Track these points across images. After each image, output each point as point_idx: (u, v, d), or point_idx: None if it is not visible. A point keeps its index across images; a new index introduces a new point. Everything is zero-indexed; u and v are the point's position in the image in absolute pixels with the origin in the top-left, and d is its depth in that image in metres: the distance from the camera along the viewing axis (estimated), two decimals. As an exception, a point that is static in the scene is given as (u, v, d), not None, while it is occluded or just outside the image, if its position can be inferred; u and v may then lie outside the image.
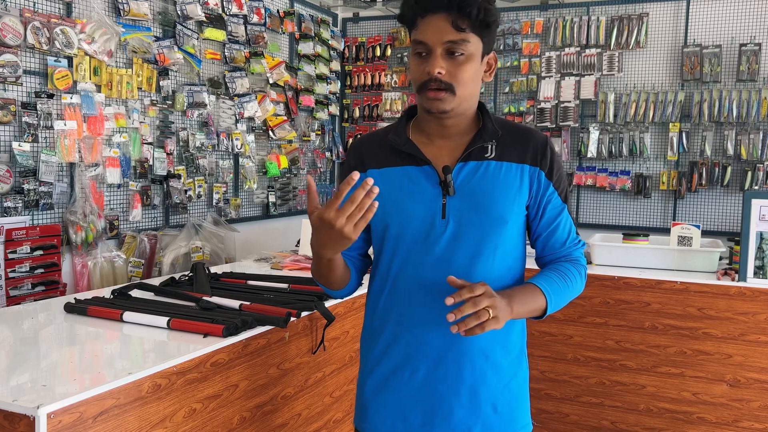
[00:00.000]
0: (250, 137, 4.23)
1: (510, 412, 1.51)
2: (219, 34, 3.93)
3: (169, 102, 3.62)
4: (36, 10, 2.88)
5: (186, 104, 3.71)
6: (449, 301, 1.26)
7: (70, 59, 3.03)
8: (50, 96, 2.94)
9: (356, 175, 1.21)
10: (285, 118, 4.57)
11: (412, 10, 1.41)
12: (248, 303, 2.08)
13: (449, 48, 1.38)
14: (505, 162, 1.46)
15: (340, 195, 1.23)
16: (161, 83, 3.54)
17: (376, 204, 1.24)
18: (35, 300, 2.77)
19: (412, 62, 1.45)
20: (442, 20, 1.37)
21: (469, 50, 1.39)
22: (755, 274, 2.82)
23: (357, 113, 5.43)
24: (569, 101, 4.83)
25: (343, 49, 5.43)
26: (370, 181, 1.23)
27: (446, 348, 1.46)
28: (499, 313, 1.30)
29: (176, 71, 3.68)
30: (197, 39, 3.78)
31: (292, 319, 1.98)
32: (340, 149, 5.33)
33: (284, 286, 2.45)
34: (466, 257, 1.44)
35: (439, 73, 1.38)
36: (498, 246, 1.46)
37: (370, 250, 1.65)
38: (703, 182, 4.55)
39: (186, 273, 2.60)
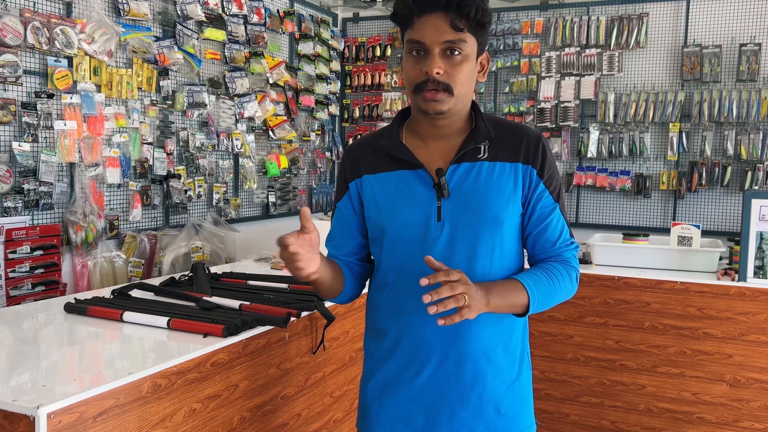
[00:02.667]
0: (250, 137, 4.23)
1: (513, 414, 1.51)
2: (219, 34, 3.93)
3: (169, 102, 3.62)
4: (36, 10, 2.88)
5: (186, 104, 3.71)
6: (424, 281, 1.24)
7: (70, 59, 3.03)
8: (50, 96, 2.94)
9: (306, 211, 1.35)
10: (285, 118, 4.57)
11: (409, 9, 1.39)
12: (248, 303, 2.08)
13: (447, 48, 1.37)
14: (498, 162, 1.45)
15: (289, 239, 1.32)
16: (161, 83, 3.54)
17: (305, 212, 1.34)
18: (35, 300, 2.77)
19: (407, 62, 1.43)
20: (440, 20, 1.36)
21: (466, 50, 1.39)
22: (755, 274, 2.82)
23: (357, 113, 5.43)
24: (569, 101, 4.83)
25: (343, 49, 5.43)
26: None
27: (447, 349, 1.46)
28: (473, 302, 1.28)
29: (176, 71, 3.68)
30: (197, 39, 3.78)
31: (292, 319, 1.98)
32: (340, 149, 5.33)
33: (284, 286, 2.45)
34: (464, 258, 1.44)
35: (437, 73, 1.37)
36: (494, 247, 1.45)
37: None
38: (703, 182, 4.55)
39: (186, 273, 2.60)
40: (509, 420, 1.50)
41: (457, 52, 1.38)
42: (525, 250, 1.57)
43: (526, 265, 1.56)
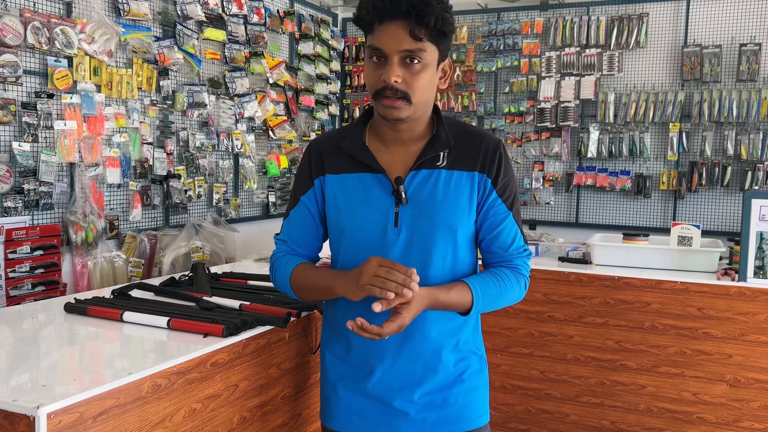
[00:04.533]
0: (250, 137, 4.24)
1: (464, 402, 1.56)
2: (219, 34, 3.93)
3: (169, 102, 3.62)
4: (36, 10, 2.88)
5: (186, 104, 3.71)
6: (377, 308, 1.31)
7: (70, 59, 3.03)
8: (50, 96, 2.94)
9: (416, 277, 1.34)
10: (285, 118, 4.57)
11: (369, 15, 1.40)
12: (248, 303, 2.08)
13: (406, 56, 1.38)
14: (455, 171, 1.48)
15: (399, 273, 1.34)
16: (161, 83, 3.54)
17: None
18: (35, 300, 2.77)
19: (367, 67, 1.45)
20: (399, 28, 1.37)
21: (425, 59, 1.40)
22: (755, 274, 2.82)
23: (357, 113, 5.43)
24: (569, 101, 4.83)
25: (343, 49, 5.43)
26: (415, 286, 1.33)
27: (400, 348, 1.52)
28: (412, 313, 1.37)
29: (176, 71, 3.68)
30: (197, 39, 3.78)
31: (292, 319, 1.98)
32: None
33: (284, 286, 2.45)
34: (419, 264, 1.47)
35: (395, 81, 1.38)
36: (447, 254, 1.49)
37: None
38: (703, 182, 4.55)
39: (186, 273, 2.60)
40: (460, 408, 1.55)
41: (416, 61, 1.39)
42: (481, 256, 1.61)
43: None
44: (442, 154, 1.48)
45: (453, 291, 1.44)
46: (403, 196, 1.46)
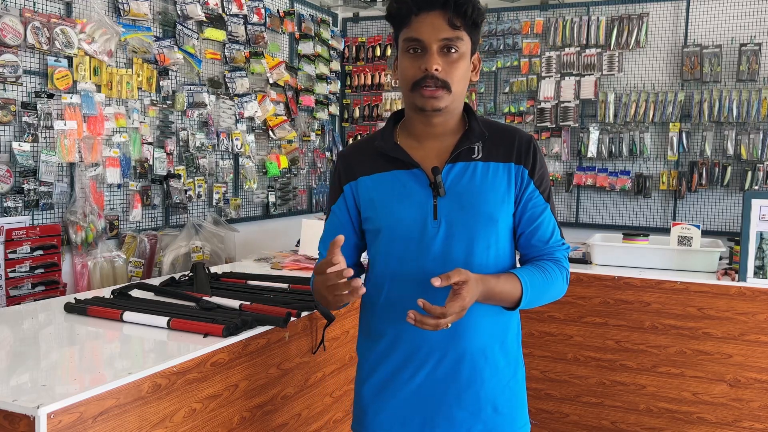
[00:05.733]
0: (250, 137, 4.24)
1: (510, 412, 1.52)
2: (219, 34, 3.93)
3: (169, 102, 3.62)
4: (36, 10, 2.88)
5: (186, 104, 3.71)
6: (437, 282, 1.27)
7: (70, 59, 3.03)
8: (50, 96, 2.94)
9: (340, 239, 1.31)
10: (285, 118, 4.57)
11: (407, 8, 1.41)
12: (248, 303, 2.08)
13: (445, 45, 1.40)
14: (492, 162, 1.48)
15: (328, 262, 1.32)
16: (161, 83, 3.54)
17: (362, 290, 1.31)
18: (35, 300, 2.77)
19: (403, 60, 1.45)
20: (437, 18, 1.39)
21: (462, 48, 1.42)
22: (755, 274, 2.82)
23: (357, 113, 5.43)
24: (569, 101, 4.83)
25: (343, 49, 5.43)
26: (349, 272, 1.30)
27: (446, 348, 1.47)
28: (469, 302, 1.33)
29: (176, 71, 3.68)
30: (197, 39, 3.78)
31: (292, 319, 1.98)
32: (340, 149, 5.33)
33: (284, 286, 2.45)
34: (461, 256, 1.45)
35: (436, 69, 1.39)
36: (490, 245, 1.47)
37: (363, 258, 1.66)
38: (703, 182, 4.55)
39: (186, 273, 2.60)
40: (506, 418, 1.51)
41: (453, 50, 1.41)
42: (517, 250, 1.58)
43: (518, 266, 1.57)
44: (477, 147, 1.48)
45: (502, 279, 1.41)
46: (441, 187, 1.44)
